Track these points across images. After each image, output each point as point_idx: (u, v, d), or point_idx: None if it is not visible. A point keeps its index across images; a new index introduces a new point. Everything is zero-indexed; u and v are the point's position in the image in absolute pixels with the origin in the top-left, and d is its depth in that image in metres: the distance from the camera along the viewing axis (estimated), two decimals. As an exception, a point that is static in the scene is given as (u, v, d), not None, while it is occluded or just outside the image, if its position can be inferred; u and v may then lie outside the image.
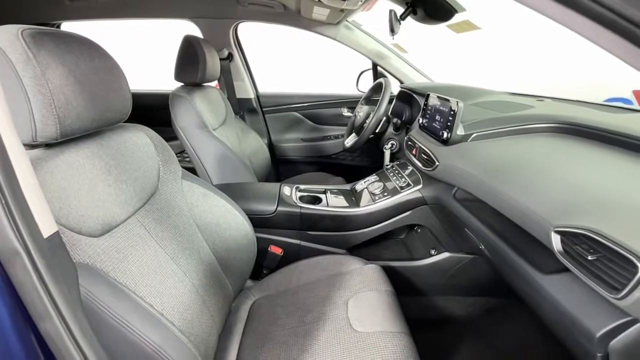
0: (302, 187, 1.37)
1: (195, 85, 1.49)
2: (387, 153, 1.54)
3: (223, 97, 1.69)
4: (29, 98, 0.51)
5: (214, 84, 1.67)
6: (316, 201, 1.29)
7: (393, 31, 1.43)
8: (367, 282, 0.92)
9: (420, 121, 1.23)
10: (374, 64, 1.91)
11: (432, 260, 1.21)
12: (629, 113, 0.96)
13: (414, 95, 1.49)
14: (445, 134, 1.01)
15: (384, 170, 1.44)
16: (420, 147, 1.15)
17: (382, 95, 1.43)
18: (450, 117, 0.99)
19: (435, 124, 1.09)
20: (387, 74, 1.87)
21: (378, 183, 1.33)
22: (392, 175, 1.35)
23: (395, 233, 1.38)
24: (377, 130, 1.50)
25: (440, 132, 1.04)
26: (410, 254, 1.29)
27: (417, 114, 1.34)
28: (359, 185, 1.39)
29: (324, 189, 1.37)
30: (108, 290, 0.54)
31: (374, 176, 1.42)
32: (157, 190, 0.78)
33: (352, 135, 1.65)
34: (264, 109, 2.18)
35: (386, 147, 1.54)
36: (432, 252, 1.22)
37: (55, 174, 0.55)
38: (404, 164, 1.38)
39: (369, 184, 1.34)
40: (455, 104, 0.97)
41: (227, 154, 1.43)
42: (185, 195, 0.85)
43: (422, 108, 1.22)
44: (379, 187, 1.29)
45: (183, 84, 1.47)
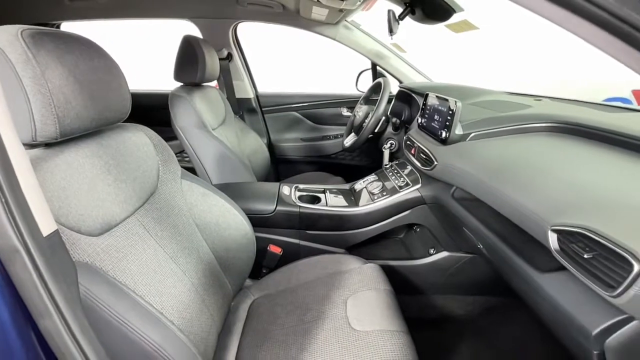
0: (301, 186, 1.37)
1: (195, 85, 1.49)
2: (386, 153, 1.54)
3: (222, 97, 1.69)
4: (28, 98, 0.52)
5: (213, 84, 1.67)
6: (315, 201, 1.29)
7: (392, 31, 1.43)
8: (366, 281, 0.92)
9: (419, 121, 1.23)
10: (373, 64, 1.91)
11: (431, 259, 1.22)
12: (628, 112, 0.96)
13: (413, 95, 1.49)
14: (444, 134, 1.01)
15: (383, 169, 1.44)
16: (419, 146, 1.15)
17: (381, 95, 1.43)
18: (449, 117, 0.99)
19: (434, 124, 1.09)
20: (386, 74, 1.88)
21: (377, 182, 1.33)
22: (391, 175, 1.35)
23: (394, 232, 1.39)
24: (376, 130, 1.50)
25: (439, 131, 1.04)
26: (409, 253, 1.29)
27: (416, 113, 1.34)
28: (358, 185, 1.39)
29: (323, 189, 1.38)
30: (107, 289, 0.55)
31: (373, 176, 1.42)
32: (156, 189, 0.78)
33: (352, 135, 1.65)
34: (263, 109, 2.18)
35: (385, 146, 1.54)
36: (431, 251, 1.23)
37: (55, 173, 0.55)
38: (403, 164, 1.39)
39: (368, 184, 1.34)
40: (453, 103, 0.97)
41: (227, 153, 1.43)
42: (184, 194, 0.85)
43: (421, 108, 1.22)
44: (378, 186, 1.29)
45: (182, 83, 1.47)
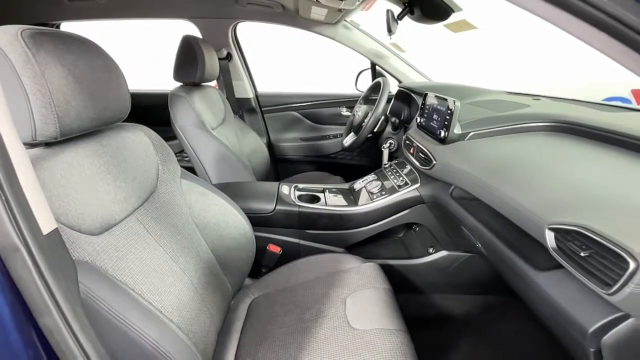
0: (300, 186, 1.38)
1: (194, 85, 1.49)
2: (385, 152, 1.55)
3: (222, 97, 1.69)
4: (28, 98, 0.52)
5: (213, 83, 1.67)
6: (315, 200, 1.29)
7: (390, 31, 1.43)
8: (365, 280, 0.92)
9: (418, 120, 1.23)
10: (373, 64, 1.92)
11: (430, 258, 1.22)
12: (626, 112, 0.96)
13: (412, 95, 1.49)
14: (443, 133, 1.01)
15: (382, 169, 1.45)
16: (418, 146, 1.16)
17: (381, 94, 1.43)
18: (448, 116, 0.99)
19: (433, 123, 1.09)
20: (386, 74, 1.88)
21: (376, 182, 1.33)
22: (390, 174, 1.35)
23: (394, 231, 1.39)
24: (376, 130, 1.50)
25: (438, 131, 1.04)
26: (408, 253, 1.30)
27: (415, 113, 1.35)
28: (358, 184, 1.39)
29: (323, 188, 1.38)
30: (107, 288, 0.55)
31: (372, 175, 1.42)
32: (156, 189, 0.79)
33: (351, 134, 1.65)
34: (262, 109, 2.18)
35: (384, 146, 1.55)
36: (430, 250, 1.23)
37: (55, 172, 0.56)
38: (402, 163, 1.39)
39: (367, 183, 1.34)
40: (452, 103, 0.98)
41: (226, 153, 1.43)
42: (184, 194, 0.86)
43: (420, 107, 1.23)
44: (377, 186, 1.30)
45: (182, 83, 1.47)
